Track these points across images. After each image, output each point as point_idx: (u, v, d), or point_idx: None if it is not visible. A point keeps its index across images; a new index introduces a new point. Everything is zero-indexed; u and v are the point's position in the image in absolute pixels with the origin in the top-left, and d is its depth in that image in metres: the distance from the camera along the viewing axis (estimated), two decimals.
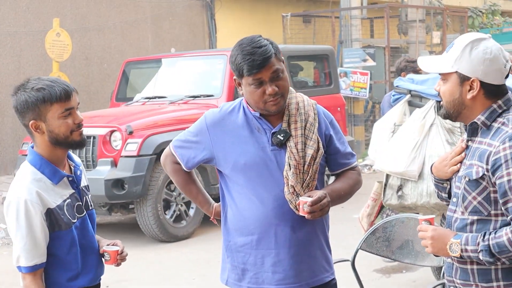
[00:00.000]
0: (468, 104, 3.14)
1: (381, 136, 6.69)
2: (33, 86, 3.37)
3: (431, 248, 3.17)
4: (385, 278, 7.90)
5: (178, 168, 3.84)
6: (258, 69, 3.49)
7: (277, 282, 3.64)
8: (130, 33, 16.81)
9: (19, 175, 3.43)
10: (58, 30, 12.82)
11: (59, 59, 12.85)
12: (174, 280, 8.21)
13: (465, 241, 3.05)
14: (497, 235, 2.98)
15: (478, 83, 3.09)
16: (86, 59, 15.80)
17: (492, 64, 3.08)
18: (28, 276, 3.33)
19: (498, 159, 2.99)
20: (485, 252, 2.99)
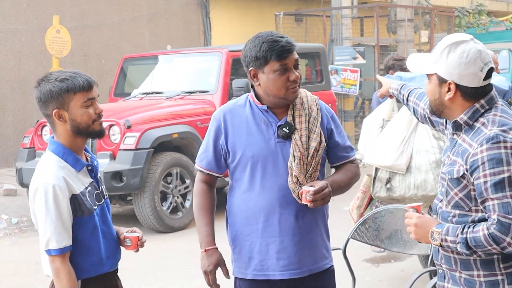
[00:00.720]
0: (447, 104, 3.18)
1: (370, 131, 6.76)
2: (56, 77, 3.45)
3: (414, 235, 3.24)
4: (374, 268, 7.97)
5: (204, 188, 3.88)
6: (287, 54, 3.60)
7: (281, 268, 3.71)
8: (128, 30, 16.84)
9: (43, 163, 3.49)
10: (58, 27, 12.84)
11: (59, 55, 12.88)
12: (170, 269, 8.26)
13: (446, 231, 3.12)
14: (475, 230, 3.04)
15: (454, 85, 3.12)
16: (85, 55, 15.82)
17: (467, 68, 3.09)
18: (58, 258, 3.39)
19: (476, 161, 3.03)
20: (462, 245, 3.06)
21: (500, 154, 2.99)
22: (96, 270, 3.54)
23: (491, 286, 3.13)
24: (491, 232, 2.98)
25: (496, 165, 2.98)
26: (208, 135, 3.83)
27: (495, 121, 3.09)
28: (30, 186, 3.47)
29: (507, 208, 2.97)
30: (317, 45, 13.77)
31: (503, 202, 2.98)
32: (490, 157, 2.99)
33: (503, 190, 2.98)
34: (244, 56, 3.70)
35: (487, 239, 2.99)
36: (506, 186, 2.98)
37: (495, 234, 2.98)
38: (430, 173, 6.09)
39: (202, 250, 3.82)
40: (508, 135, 3.02)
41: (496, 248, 3.01)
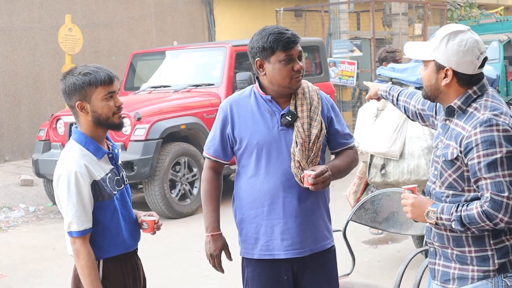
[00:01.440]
0: (443, 90, 3.24)
1: (365, 120, 6.80)
2: (80, 71, 3.53)
3: (410, 214, 3.30)
4: (372, 249, 8.02)
5: (211, 176, 3.94)
6: (293, 45, 3.67)
7: (285, 248, 3.77)
8: (136, 27, 16.87)
9: (67, 151, 3.57)
10: (70, 25, 12.86)
11: (71, 52, 12.91)
12: (179, 253, 8.32)
13: (441, 210, 3.17)
14: (469, 208, 3.10)
15: (451, 72, 3.18)
16: (95, 52, 15.85)
17: (465, 56, 3.15)
18: (78, 240, 3.47)
19: (470, 143, 3.09)
20: (457, 222, 3.12)
21: (493, 136, 3.05)
22: (116, 250, 3.62)
23: (482, 261, 3.19)
24: (485, 210, 3.04)
25: (489, 146, 3.04)
26: (215, 125, 3.88)
27: (487, 106, 3.15)
28: (55, 173, 3.55)
29: (499, 186, 3.03)
30: (316, 39, 13.80)
31: (495, 181, 3.04)
32: (484, 139, 3.05)
33: (496, 170, 3.04)
34: (251, 48, 3.76)
35: (481, 216, 3.05)
36: (498, 166, 3.04)
37: (488, 211, 3.04)
38: (422, 159, 6.14)
39: (208, 235, 3.89)
40: (500, 119, 3.08)
41: (489, 225, 3.06)
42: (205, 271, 6.49)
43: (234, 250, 3.95)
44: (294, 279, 3.83)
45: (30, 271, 7.87)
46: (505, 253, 3.18)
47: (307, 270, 3.83)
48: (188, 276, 7.40)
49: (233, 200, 3.93)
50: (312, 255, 3.82)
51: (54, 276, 7.59)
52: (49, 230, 9.59)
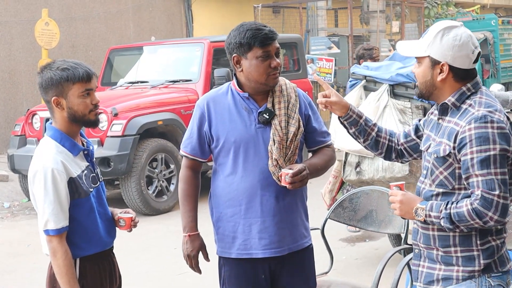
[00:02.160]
0: (438, 85, 3.21)
1: None
2: (58, 66, 3.46)
3: (399, 211, 3.26)
4: (350, 247, 8.02)
5: (189, 175, 3.88)
6: (270, 41, 3.63)
7: (263, 247, 3.73)
8: (113, 22, 16.76)
9: (42, 148, 3.50)
10: (47, 19, 12.75)
11: (48, 46, 12.80)
12: (156, 250, 8.27)
13: (430, 207, 3.14)
14: (458, 205, 3.07)
15: (447, 67, 3.16)
16: (72, 46, 15.73)
17: (460, 50, 3.14)
18: (55, 238, 3.41)
19: (464, 138, 3.06)
20: (446, 219, 3.08)
21: (488, 133, 3.03)
22: (93, 248, 3.57)
23: (467, 261, 3.16)
24: (475, 207, 3.01)
25: (483, 143, 3.02)
26: (192, 122, 3.83)
27: (481, 102, 3.13)
28: (30, 169, 3.48)
29: (491, 184, 3.01)
30: (294, 36, 13.78)
31: (487, 178, 3.02)
32: (478, 135, 3.03)
33: (488, 167, 3.01)
34: (228, 43, 3.71)
35: (471, 214, 3.02)
36: (491, 164, 3.01)
37: (478, 209, 3.01)
38: None
39: (185, 235, 3.83)
40: (495, 116, 3.06)
41: (478, 223, 3.03)
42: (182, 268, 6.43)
43: (210, 248, 3.90)
44: (271, 278, 3.80)
45: (4, 267, 7.80)
46: (491, 253, 3.17)
47: (284, 269, 3.79)
48: (165, 273, 7.35)
49: (209, 198, 3.88)
50: (290, 254, 3.78)
51: (28, 272, 7.51)
52: (24, 226, 9.49)
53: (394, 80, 6.44)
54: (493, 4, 30.31)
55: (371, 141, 3.57)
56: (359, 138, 3.57)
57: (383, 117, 6.32)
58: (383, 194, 4.80)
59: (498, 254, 3.19)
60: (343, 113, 3.52)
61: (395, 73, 6.48)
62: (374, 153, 3.64)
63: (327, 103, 3.52)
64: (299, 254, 3.82)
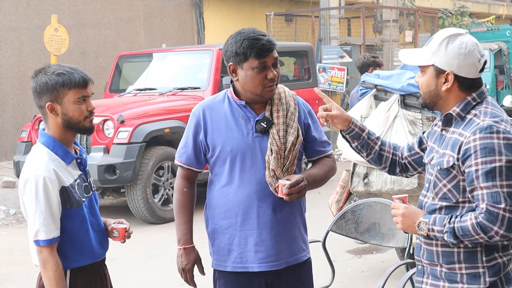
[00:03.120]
0: (443, 95, 3.10)
1: None
2: (54, 70, 3.36)
3: (401, 225, 3.14)
4: (357, 259, 7.90)
5: (184, 185, 3.77)
6: (267, 53, 3.50)
7: (259, 260, 3.61)
8: (124, 29, 16.75)
9: (34, 155, 3.40)
10: (56, 25, 12.73)
11: (57, 52, 12.77)
12: (160, 259, 8.19)
13: (433, 221, 3.03)
14: (462, 219, 2.96)
15: (452, 76, 3.05)
16: (82, 53, 15.72)
17: (466, 59, 3.03)
18: (45, 249, 3.31)
19: (468, 149, 2.95)
20: (449, 234, 2.97)
21: (493, 143, 2.92)
22: (84, 259, 3.47)
23: (472, 279, 3.05)
24: (479, 221, 2.91)
25: (488, 154, 2.91)
26: (187, 131, 3.72)
27: (487, 112, 3.03)
28: (20, 177, 3.38)
29: (496, 197, 2.90)
30: (305, 44, 13.71)
31: (492, 191, 2.91)
32: (483, 146, 2.92)
33: (494, 179, 2.91)
34: (225, 51, 3.60)
35: (475, 228, 2.91)
36: (496, 176, 2.91)
37: (483, 223, 2.90)
38: None
39: (180, 248, 3.73)
40: (501, 126, 2.96)
41: (483, 238, 2.93)
42: None
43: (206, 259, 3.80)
44: None
45: (4, 275, 7.73)
46: (497, 271, 3.05)
47: (281, 283, 3.68)
48: (167, 283, 7.26)
49: (205, 208, 3.78)
50: (288, 267, 3.67)
51: (29, 279, 7.41)
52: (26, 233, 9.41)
53: (405, 90, 6.34)
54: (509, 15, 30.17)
55: (374, 155, 3.46)
56: (362, 152, 3.46)
57: (393, 127, 6.21)
58: (387, 207, 4.68)
59: (504, 271, 3.08)
60: (345, 127, 3.42)
61: (406, 83, 6.38)
62: (377, 167, 3.53)
63: (328, 116, 3.42)
64: (297, 268, 3.70)
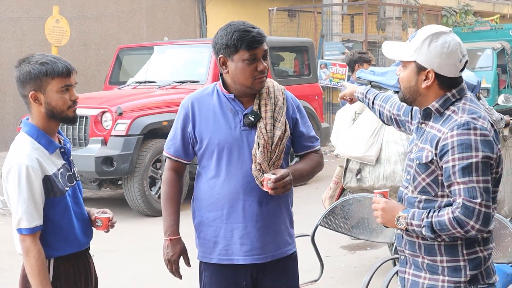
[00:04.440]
0: (422, 92, 3.13)
1: (343, 123, 6.69)
2: (37, 60, 3.38)
3: (381, 219, 3.19)
4: (350, 254, 7.93)
5: (172, 177, 3.80)
6: (258, 45, 3.51)
7: (244, 253, 3.63)
8: (126, 22, 16.77)
9: (18, 144, 3.42)
10: (58, 17, 12.75)
11: (58, 44, 12.79)
12: (156, 251, 8.10)
13: (412, 216, 3.07)
14: (440, 214, 3.00)
15: (433, 74, 3.08)
16: (84, 45, 15.74)
17: (448, 58, 3.07)
18: (28, 237, 3.32)
19: (446, 145, 2.99)
20: (427, 228, 3.01)
21: (470, 140, 2.96)
22: (68, 248, 3.48)
23: (453, 272, 3.09)
24: (456, 216, 2.95)
25: (465, 150, 2.95)
26: (176, 123, 3.74)
27: (465, 109, 3.07)
28: (4, 166, 3.39)
29: (472, 192, 2.94)
30: (305, 40, 13.72)
31: (468, 186, 2.95)
32: (460, 142, 2.96)
33: (470, 174, 2.95)
34: (214, 43, 3.61)
35: (452, 223, 2.95)
36: (473, 171, 2.95)
37: (459, 217, 2.94)
38: (398, 164, 6.04)
39: (166, 239, 3.76)
40: (478, 123, 3.00)
41: (460, 232, 2.96)
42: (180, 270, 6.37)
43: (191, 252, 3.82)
44: (253, 285, 3.70)
45: (3, 265, 7.75)
46: (478, 264, 3.10)
47: (267, 276, 3.69)
48: (162, 274, 7.27)
49: (192, 201, 3.80)
50: (273, 261, 3.68)
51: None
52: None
53: None
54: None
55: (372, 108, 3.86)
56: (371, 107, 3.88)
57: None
58: None
59: (484, 265, 3.12)
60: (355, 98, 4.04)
61: None
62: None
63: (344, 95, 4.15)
64: (282, 261, 3.72)
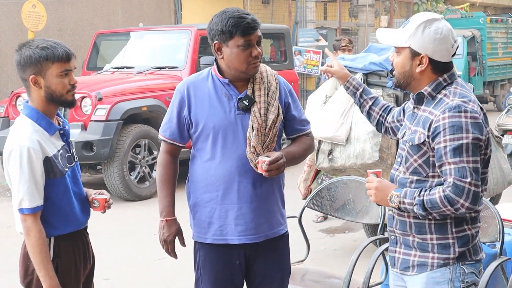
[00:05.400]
0: (416, 76, 3.27)
1: (314, 106, 6.79)
2: (38, 44, 3.44)
3: (374, 197, 3.32)
4: (329, 237, 8.05)
5: (167, 159, 3.87)
6: (252, 31, 3.60)
7: (239, 233, 3.73)
8: (102, 7, 16.71)
9: (18, 127, 3.49)
10: (34, 2, 12.69)
11: (34, 29, 12.74)
12: (136, 235, 8.28)
13: (404, 194, 3.21)
14: (431, 193, 3.13)
15: (427, 59, 3.22)
16: (59, 30, 15.67)
17: (441, 43, 3.20)
18: (29, 217, 3.41)
19: (438, 127, 3.13)
20: (419, 206, 3.15)
21: (461, 122, 3.09)
22: (68, 227, 3.58)
23: (443, 249, 3.24)
24: (447, 194, 3.08)
25: (456, 131, 3.09)
26: (171, 107, 3.82)
27: (456, 93, 3.20)
28: (5, 148, 3.46)
29: (463, 172, 3.07)
30: (282, 26, 13.77)
31: (459, 166, 3.08)
32: (452, 124, 3.10)
33: (461, 155, 3.08)
34: (210, 29, 3.69)
35: (442, 201, 3.09)
36: (463, 152, 3.08)
37: (450, 196, 3.08)
38: (367, 143, 6.14)
39: (162, 219, 3.84)
40: (468, 106, 3.13)
41: (450, 210, 3.10)
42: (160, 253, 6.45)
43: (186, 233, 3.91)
44: (246, 264, 3.81)
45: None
46: (466, 242, 3.24)
47: (259, 256, 3.80)
48: (143, 258, 7.36)
49: (187, 182, 3.89)
50: (266, 240, 3.79)
51: (8, 254, 7.49)
52: (5, 207, 9.48)
53: (367, 69, 6.49)
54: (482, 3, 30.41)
55: (365, 112, 3.84)
56: (359, 108, 3.87)
57: (354, 105, 6.35)
58: (361, 184, 4.84)
59: (472, 243, 3.27)
60: (343, 83, 3.89)
61: (368, 61, 6.52)
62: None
63: (327, 70, 3.95)
64: (274, 241, 3.83)
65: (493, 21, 22.25)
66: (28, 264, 3.53)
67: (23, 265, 3.58)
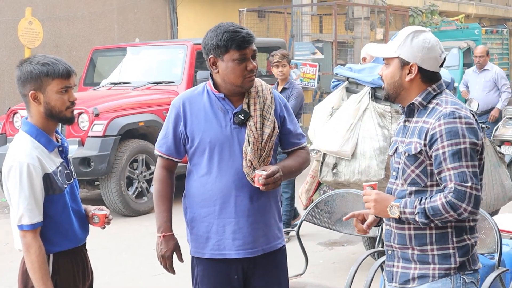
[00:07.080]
0: (406, 86, 3.31)
1: (320, 118, 6.79)
2: (39, 60, 3.47)
3: (373, 210, 3.32)
4: (328, 251, 8.04)
5: (163, 175, 3.88)
6: (247, 45, 3.64)
7: (236, 248, 3.73)
8: (98, 23, 16.73)
9: (18, 143, 3.51)
10: (30, 18, 12.70)
11: (31, 45, 12.75)
12: (133, 251, 8.27)
13: (404, 204, 3.21)
14: (432, 200, 3.14)
15: (416, 67, 3.26)
16: (56, 46, 15.69)
17: (429, 53, 3.26)
18: (29, 233, 3.41)
19: (434, 134, 3.16)
20: (421, 214, 3.15)
21: (457, 127, 3.13)
22: (67, 244, 3.58)
23: (443, 259, 3.24)
24: (449, 200, 3.09)
25: (453, 137, 3.12)
26: (167, 122, 3.83)
27: (448, 101, 3.25)
28: (4, 164, 3.47)
29: (463, 177, 3.10)
30: (278, 40, 13.79)
31: (459, 171, 3.11)
32: (448, 130, 3.13)
33: (460, 160, 3.11)
34: (205, 44, 3.71)
35: (445, 207, 3.10)
36: (462, 157, 3.11)
37: (452, 201, 3.09)
38: (373, 159, 6.14)
39: (159, 235, 3.84)
40: (462, 112, 3.18)
41: (453, 215, 3.11)
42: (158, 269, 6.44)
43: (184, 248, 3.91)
44: (244, 278, 3.81)
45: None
46: (466, 252, 3.26)
47: (257, 270, 3.80)
48: (141, 274, 7.35)
49: (183, 197, 3.89)
50: (263, 254, 3.79)
51: (6, 270, 7.49)
52: (2, 224, 9.46)
53: (376, 83, 6.48)
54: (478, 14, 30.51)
55: None
56: None
57: (362, 119, 6.35)
58: (359, 197, 4.83)
59: (471, 253, 3.29)
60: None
61: (377, 76, 6.52)
62: None
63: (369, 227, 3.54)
64: (272, 255, 3.83)
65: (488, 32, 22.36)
66: (27, 281, 3.53)
67: (22, 282, 3.58)
